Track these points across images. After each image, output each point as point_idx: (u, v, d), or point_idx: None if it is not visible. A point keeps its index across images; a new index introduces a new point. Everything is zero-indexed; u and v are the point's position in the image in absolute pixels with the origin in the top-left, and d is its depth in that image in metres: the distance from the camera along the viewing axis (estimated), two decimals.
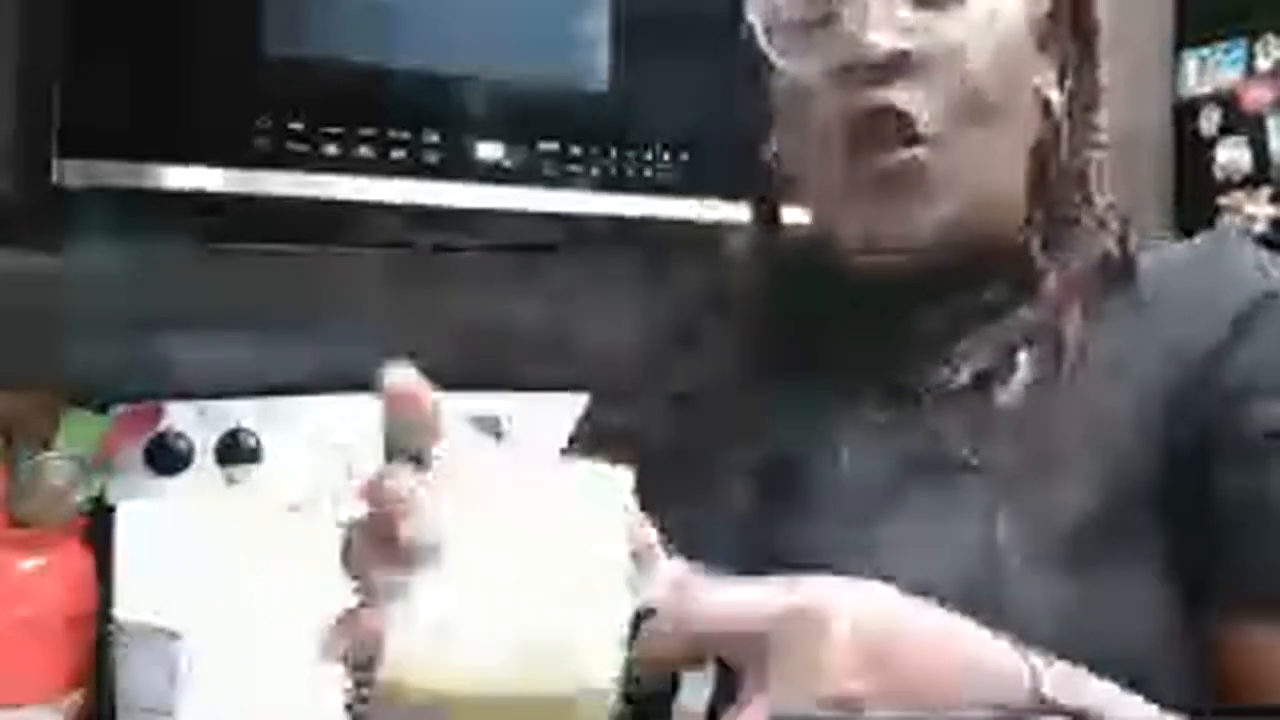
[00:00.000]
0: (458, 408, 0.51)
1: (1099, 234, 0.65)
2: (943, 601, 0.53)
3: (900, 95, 0.60)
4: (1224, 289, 0.61)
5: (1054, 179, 0.65)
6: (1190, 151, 1.56)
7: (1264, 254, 0.62)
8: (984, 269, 0.64)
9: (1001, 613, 0.55)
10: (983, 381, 0.62)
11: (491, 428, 1.18)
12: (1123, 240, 0.64)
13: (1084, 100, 0.66)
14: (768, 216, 0.72)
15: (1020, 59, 0.63)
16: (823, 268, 0.68)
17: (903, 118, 0.60)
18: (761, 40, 0.64)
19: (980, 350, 0.63)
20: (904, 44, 0.60)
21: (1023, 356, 0.62)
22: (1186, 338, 0.60)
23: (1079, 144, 0.66)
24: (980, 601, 0.55)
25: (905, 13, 0.60)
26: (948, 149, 0.61)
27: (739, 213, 0.74)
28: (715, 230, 1.05)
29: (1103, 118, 0.67)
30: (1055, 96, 0.65)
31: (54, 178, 0.85)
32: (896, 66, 0.60)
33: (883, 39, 0.59)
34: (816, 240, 0.68)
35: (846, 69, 0.60)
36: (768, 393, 0.68)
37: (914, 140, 0.60)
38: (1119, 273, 0.63)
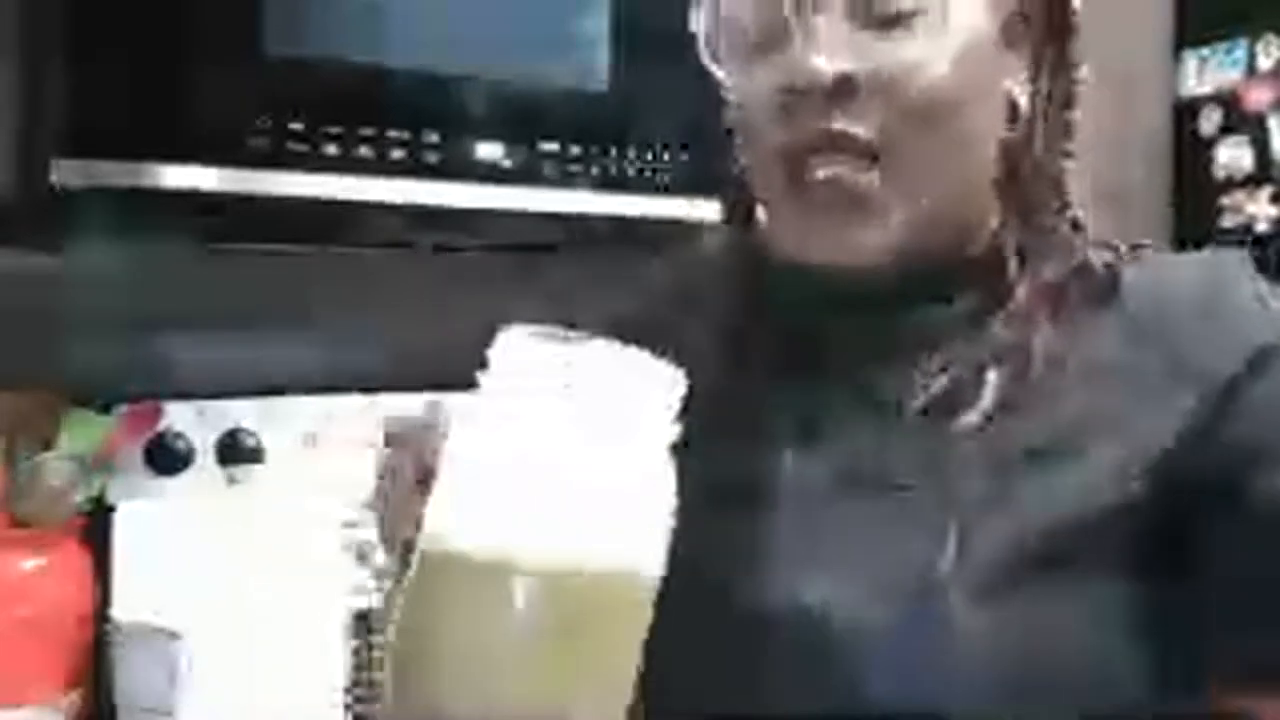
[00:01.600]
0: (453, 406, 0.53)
1: (1076, 241, 0.64)
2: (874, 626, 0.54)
3: (845, 121, 0.59)
4: (1235, 319, 0.59)
5: (1027, 183, 0.63)
6: (1190, 151, 1.56)
7: (1264, 284, 0.61)
8: (955, 278, 0.63)
9: (931, 641, 0.55)
10: (946, 401, 0.60)
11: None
12: (1113, 255, 0.63)
13: (1059, 100, 0.64)
14: (742, 217, 0.71)
15: (984, 61, 0.61)
16: (795, 271, 0.66)
17: (849, 139, 0.59)
18: (707, 62, 0.63)
19: (948, 369, 0.61)
20: (849, 67, 0.58)
21: (991, 376, 0.60)
22: (1194, 367, 0.58)
23: (1053, 144, 0.64)
24: (912, 630, 0.56)
25: (855, 34, 0.59)
26: (897, 167, 0.59)
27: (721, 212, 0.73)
28: (710, 230, 1.05)
29: (1077, 117, 0.65)
30: (1024, 97, 0.63)
31: (53, 177, 0.85)
32: (842, 92, 0.58)
33: (828, 64, 0.58)
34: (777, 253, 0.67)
35: (790, 93, 0.59)
36: (731, 392, 0.66)
37: (860, 161, 0.59)
38: (1101, 286, 0.62)
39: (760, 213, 0.69)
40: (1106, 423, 0.58)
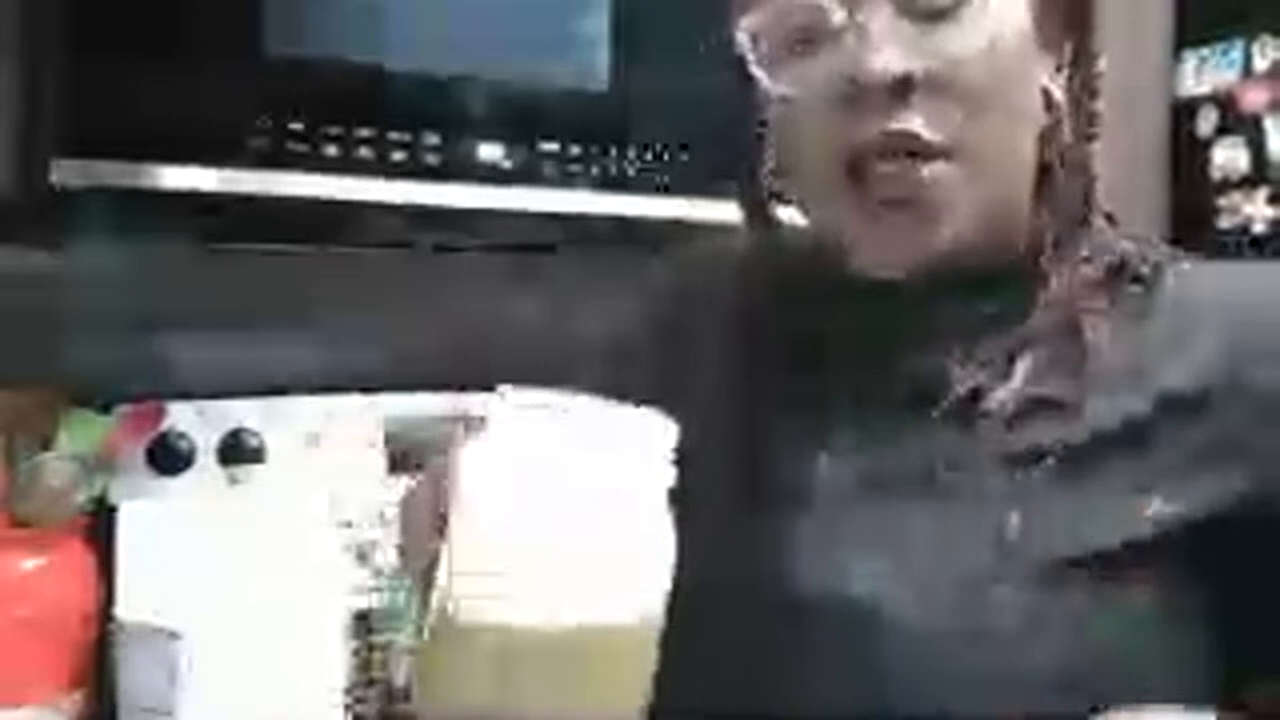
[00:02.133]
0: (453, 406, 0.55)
1: (1109, 233, 0.64)
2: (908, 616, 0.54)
3: (911, 119, 0.58)
4: None
5: (1060, 175, 0.63)
6: (1187, 152, 1.56)
7: None
8: (994, 272, 0.62)
9: (975, 635, 0.55)
10: (978, 394, 0.60)
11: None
12: (1153, 250, 0.63)
13: (1085, 91, 0.64)
14: (762, 218, 0.70)
15: (1024, 53, 0.61)
16: (822, 271, 0.66)
17: (915, 140, 0.58)
18: (751, 63, 0.62)
19: (980, 361, 0.61)
20: (911, 65, 0.57)
21: (1021, 360, 0.61)
22: (1241, 380, 0.58)
23: (1080, 135, 0.64)
24: (956, 623, 0.56)
25: (905, 27, 0.58)
26: (962, 163, 0.59)
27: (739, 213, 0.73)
28: (715, 230, 1.05)
29: (1100, 108, 0.65)
30: (1056, 89, 0.63)
31: (53, 177, 0.85)
32: (904, 89, 0.58)
33: (888, 62, 0.57)
34: (817, 243, 0.66)
35: (850, 95, 0.58)
36: (760, 395, 0.67)
37: (927, 159, 0.58)
38: (1143, 279, 0.62)
39: (791, 212, 0.68)
40: (1144, 425, 0.58)
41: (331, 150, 0.93)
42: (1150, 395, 0.59)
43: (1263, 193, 1.49)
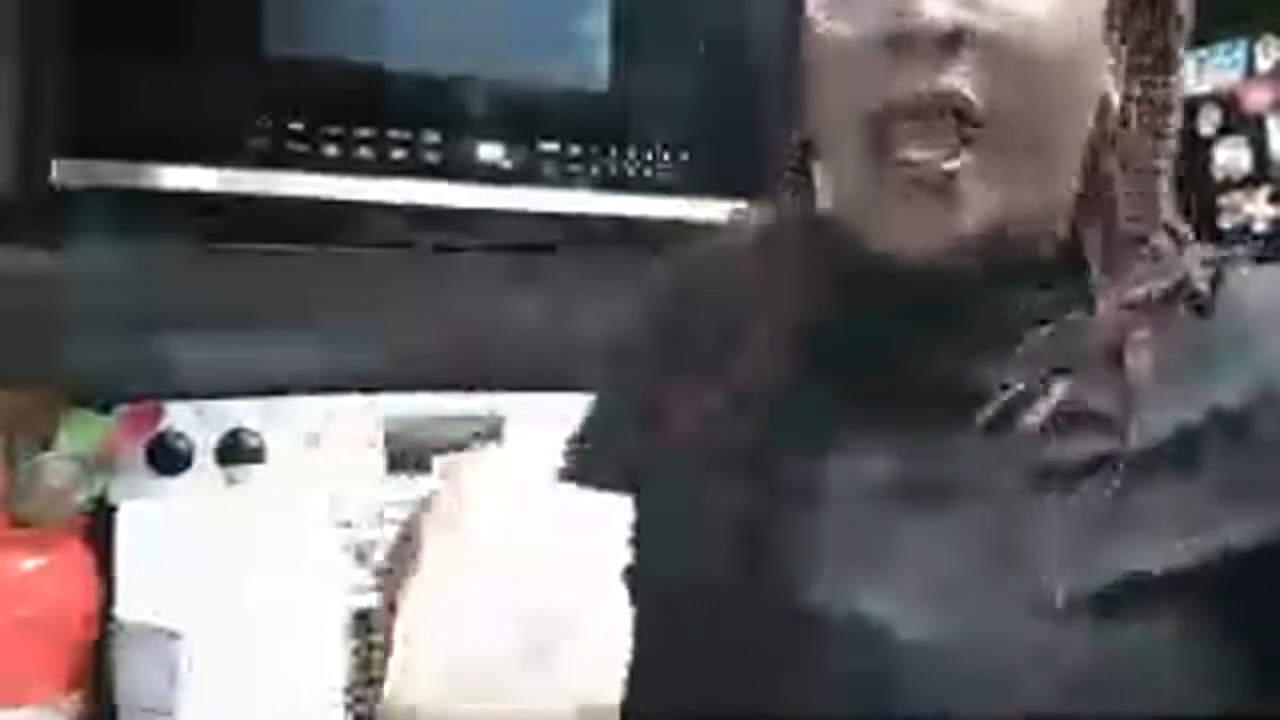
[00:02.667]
0: (455, 407, 0.54)
1: (1170, 255, 0.60)
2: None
3: (958, 79, 0.53)
4: None
5: (1117, 190, 0.59)
6: (1189, 151, 1.56)
7: None
8: (1030, 278, 0.58)
9: (990, 659, 0.53)
10: (1014, 408, 0.56)
11: (492, 429, 1.18)
12: (1214, 272, 0.59)
13: (1160, 102, 0.60)
14: (794, 203, 0.66)
15: (1092, 46, 0.56)
16: (830, 266, 0.64)
17: (955, 99, 0.53)
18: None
19: (1016, 374, 0.57)
20: (969, 16, 0.53)
21: (1059, 384, 0.56)
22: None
23: (1149, 152, 0.60)
24: (971, 646, 0.54)
25: None
26: (999, 134, 0.54)
27: (741, 211, 0.73)
28: (714, 230, 1.05)
29: (1175, 121, 0.60)
30: (1115, 94, 0.59)
31: (53, 177, 0.85)
32: (957, 43, 0.53)
33: (939, 11, 0.53)
34: (840, 234, 0.62)
35: (894, 41, 0.53)
36: (762, 396, 0.64)
37: (965, 135, 0.54)
38: (1199, 297, 0.58)
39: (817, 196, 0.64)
40: (1184, 453, 0.55)
41: (331, 150, 0.93)
42: (1193, 420, 0.56)
43: (1264, 192, 1.49)
